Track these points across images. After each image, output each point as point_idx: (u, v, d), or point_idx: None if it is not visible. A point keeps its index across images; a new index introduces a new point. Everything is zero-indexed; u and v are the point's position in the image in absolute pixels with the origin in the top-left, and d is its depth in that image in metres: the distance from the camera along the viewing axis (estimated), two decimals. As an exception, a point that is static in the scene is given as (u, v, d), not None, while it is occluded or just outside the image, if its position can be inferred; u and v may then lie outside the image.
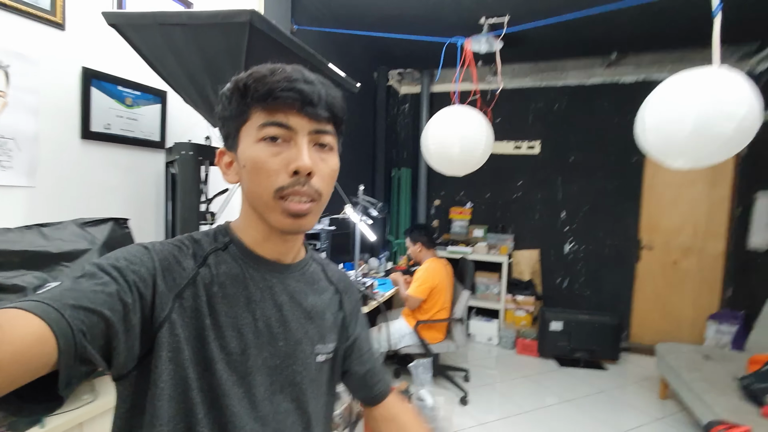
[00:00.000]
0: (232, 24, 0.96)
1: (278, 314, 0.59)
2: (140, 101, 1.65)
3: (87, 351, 0.40)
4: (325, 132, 0.54)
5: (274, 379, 0.58)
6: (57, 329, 0.38)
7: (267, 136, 0.51)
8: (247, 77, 0.52)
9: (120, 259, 0.49)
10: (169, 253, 0.53)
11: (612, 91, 3.90)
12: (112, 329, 0.44)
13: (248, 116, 0.53)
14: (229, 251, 0.58)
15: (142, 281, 0.48)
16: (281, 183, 0.51)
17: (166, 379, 0.50)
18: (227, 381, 0.53)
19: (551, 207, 4.18)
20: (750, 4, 2.65)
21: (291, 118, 0.51)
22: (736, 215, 3.57)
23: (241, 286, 0.57)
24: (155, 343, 0.49)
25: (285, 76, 0.51)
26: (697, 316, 3.68)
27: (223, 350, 0.54)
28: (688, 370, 2.35)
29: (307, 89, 0.51)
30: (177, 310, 0.51)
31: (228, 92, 0.54)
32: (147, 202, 1.71)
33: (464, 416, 2.55)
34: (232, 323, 0.55)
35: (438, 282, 2.67)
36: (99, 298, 0.43)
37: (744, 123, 1.25)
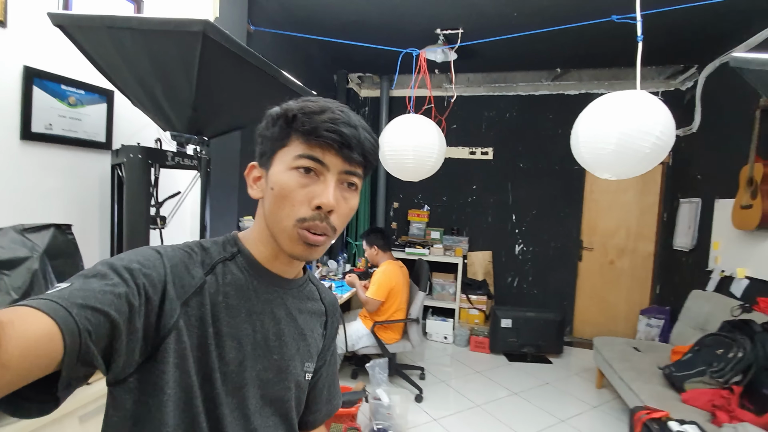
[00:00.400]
0: (185, 32, 0.97)
1: (276, 328, 0.61)
2: (85, 100, 1.59)
3: (90, 351, 0.40)
4: (353, 174, 0.57)
5: (264, 393, 0.59)
6: (64, 327, 0.38)
7: (301, 166, 0.54)
8: (298, 109, 0.55)
9: (133, 261, 0.49)
10: (180, 260, 0.54)
11: (557, 103, 4.18)
12: (116, 330, 0.44)
13: (288, 143, 0.55)
14: (236, 261, 0.59)
15: (151, 286, 0.49)
16: (303, 214, 0.54)
17: (172, 385, 0.50)
18: (223, 391, 0.54)
19: (502, 210, 4.40)
20: (676, 32, 2.95)
21: (327, 156, 0.54)
22: (663, 219, 3.95)
23: (244, 298, 0.58)
24: (161, 348, 0.49)
25: (332, 117, 0.54)
26: (630, 311, 4.03)
27: (221, 360, 0.54)
28: (619, 361, 2.58)
29: (348, 133, 0.54)
30: (183, 317, 0.52)
31: (275, 115, 0.57)
32: (91, 207, 1.65)
33: (419, 413, 2.63)
34: (232, 333, 0.56)
35: (395, 284, 2.74)
36: (107, 299, 0.43)
37: (659, 141, 1.41)
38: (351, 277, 2.93)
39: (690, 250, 3.38)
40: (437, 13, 2.87)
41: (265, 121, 0.59)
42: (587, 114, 1.52)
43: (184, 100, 1.14)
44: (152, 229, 1.52)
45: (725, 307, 2.53)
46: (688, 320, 2.88)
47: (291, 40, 3.02)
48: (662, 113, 1.45)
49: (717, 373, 1.99)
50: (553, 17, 2.73)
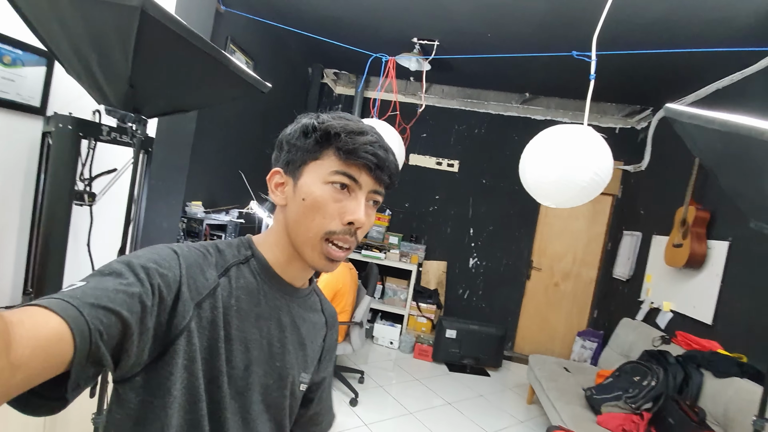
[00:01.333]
0: (122, 6, 0.92)
1: (280, 335, 0.62)
2: (23, 61, 1.48)
3: (100, 351, 0.40)
4: (380, 193, 0.61)
5: (263, 398, 0.60)
6: (75, 327, 0.38)
7: (338, 182, 0.56)
8: (340, 128, 0.57)
9: (150, 260, 0.49)
10: (195, 261, 0.54)
11: (524, 125, 4.31)
12: (128, 330, 0.43)
13: (321, 156, 0.57)
14: (249, 265, 0.60)
15: (166, 286, 0.49)
16: (333, 228, 0.57)
17: (179, 387, 0.50)
18: (228, 394, 0.55)
19: (461, 223, 4.49)
20: (635, 75, 3.12)
21: (363, 175, 0.57)
22: (607, 248, 4.16)
23: (254, 302, 0.59)
24: (171, 350, 0.49)
25: (371, 141, 0.57)
26: (568, 332, 4.22)
27: (229, 364, 0.55)
28: (548, 380, 2.69)
29: (383, 156, 0.57)
30: (195, 319, 0.52)
31: (312, 128, 0.58)
32: (16, 173, 1.53)
33: (351, 417, 2.63)
34: (240, 338, 0.56)
35: (342, 285, 2.73)
36: (120, 298, 0.43)
37: (596, 176, 1.48)
38: None
39: (627, 279, 3.58)
40: (415, 22, 2.89)
41: (293, 130, 0.60)
42: (534, 143, 1.58)
43: (120, 75, 1.08)
44: (79, 205, 1.43)
45: (648, 337, 2.70)
46: (615, 346, 3.05)
47: (266, 26, 2.95)
48: (603, 150, 1.53)
49: (631, 399, 2.11)
50: (524, 44, 2.82)
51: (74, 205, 1.38)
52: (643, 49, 2.26)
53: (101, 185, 1.61)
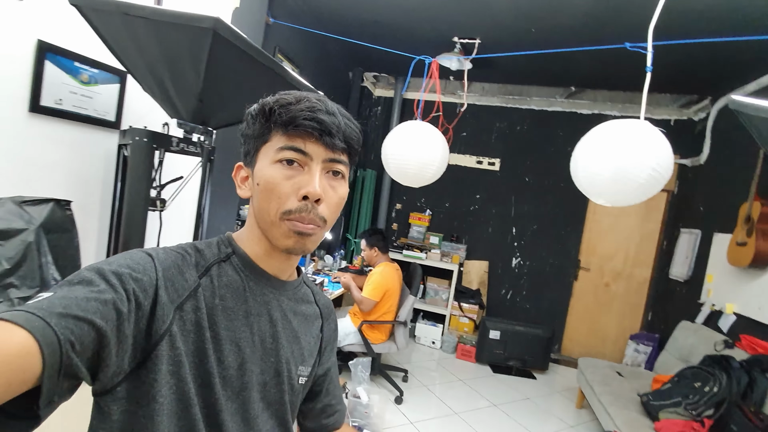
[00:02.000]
0: (196, 28, 1.00)
1: (272, 330, 0.60)
2: (98, 79, 1.62)
3: (73, 363, 0.38)
4: (338, 161, 0.57)
5: (263, 395, 0.59)
6: (42, 339, 0.35)
7: (284, 158, 0.54)
8: (273, 102, 0.55)
9: (122, 266, 0.47)
10: (173, 263, 0.52)
11: (570, 121, 4.17)
12: (104, 339, 0.41)
13: (269, 138, 0.55)
14: (231, 262, 0.58)
15: (142, 291, 0.47)
16: (290, 206, 0.54)
17: (166, 393, 0.48)
18: (223, 396, 0.53)
19: (504, 222, 4.40)
20: (692, 64, 2.94)
21: (309, 145, 0.54)
22: (662, 247, 3.94)
23: (241, 299, 0.57)
24: (153, 356, 0.47)
25: (308, 106, 0.54)
26: (619, 335, 4.03)
27: (220, 365, 0.53)
28: (600, 384, 2.59)
29: (327, 120, 0.54)
30: (177, 322, 0.50)
31: (254, 112, 0.57)
32: (94, 184, 1.69)
33: (397, 415, 2.66)
34: (230, 337, 0.54)
35: (390, 285, 2.77)
36: (92, 306, 0.40)
37: (654, 173, 1.42)
38: (345, 278, 2.94)
39: (685, 280, 3.37)
40: (456, 22, 2.88)
41: (245, 121, 0.59)
42: (587, 139, 1.53)
43: (191, 91, 1.17)
44: (151, 210, 1.56)
45: (710, 341, 2.54)
46: (673, 350, 2.89)
47: (310, 34, 3.04)
48: (662, 146, 1.46)
49: (691, 405, 2.00)
50: (570, 37, 2.73)
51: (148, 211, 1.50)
52: (700, 37, 2.12)
53: (169, 192, 1.74)
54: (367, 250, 2.96)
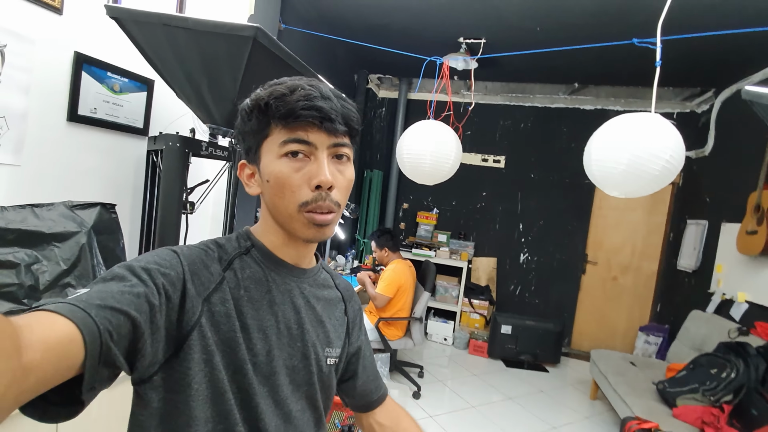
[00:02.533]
0: (237, 36, 1.06)
1: (296, 316, 0.62)
2: (127, 88, 1.69)
3: (112, 352, 0.40)
4: (342, 145, 0.57)
5: (292, 379, 0.61)
6: (84, 328, 0.38)
7: (289, 151, 0.54)
8: (267, 96, 0.54)
9: (150, 262, 0.50)
10: (197, 257, 0.55)
11: (573, 116, 4.23)
12: (138, 330, 0.44)
13: (269, 132, 0.55)
14: (251, 255, 0.61)
15: (171, 285, 0.49)
16: (305, 198, 0.55)
17: (200, 380, 0.51)
18: (255, 381, 0.56)
19: (510, 219, 4.46)
20: (694, 57, 3.00)
21: (311, 134, 0.54)
22: (669, 239, 3.99)
23: (265, 289, 0.59)
24: (185, 346, 0.50)
25: (304, 95, 0.53)
26: (629, 327, 4.08)
27: (250, 352, 0.56)
28: (614, 374, 2.64)
29: (326, 106, 0.53)
30: (206, 314, 0.52)
31: (248, 108, 0.56)
32: (126, 187, 1.75)
33: (416, 409, 2.71)
34: (257, 325, 0.57)
35: (404, 282, 2.83)
36: (126, 299, 0.43)
37: (668, 164, 1.47)
38: (362, 275, 3.01)
39: (693, 271, 3.42)
40: (461, 23, 2.94)
41: (240, 118, 0.59)
42: (601, 133, 1.59)
43: (227, 97, 1.23)
44: (183, 213, 1.61)
45: (723, 329, 2.59)
46: (685, 340, 2.94)
47: (317, 38, 3.11)
48: (673, 137, 1.52)
49: (709, 391, 2.05)
50: (575, 35, 2.79)
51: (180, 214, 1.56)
52: (702, 30, 2.18)
53: (195, 195, 1.80)
54: (377, 251, 3.02)
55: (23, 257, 0.98)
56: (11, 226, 0.99)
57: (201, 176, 1.83)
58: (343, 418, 2.17)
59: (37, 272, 0.99)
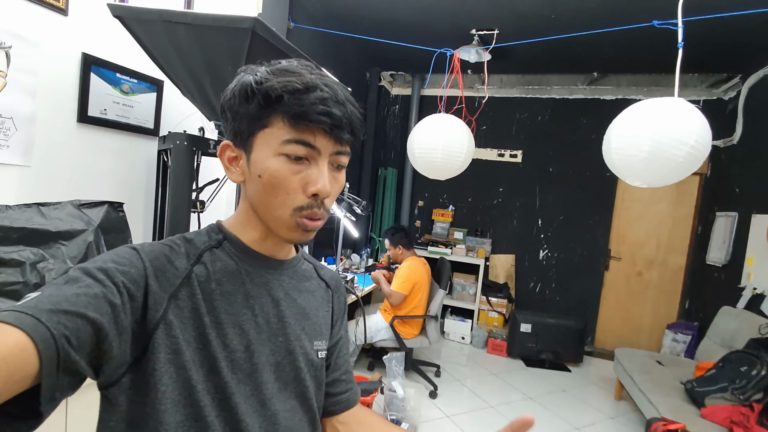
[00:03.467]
0: (236, 29, 1.04)
1: (275, 310, 0.59)
2: (137, 89, 1.70)
3: (71, 358, 0.38)
4: (344, 153, 0.54)
5: (278, 376, 0.58)
6: (35, 335, 0.35)
7: (291, 154, 0.50)
8: (281, 87, 0.49)
9: (107, 261, 0.47)
10: (160, 253, 0.52)
11: (592, 107, 4.09)
12: (102, 332, 0.41)
13: (269, 123, 0.51)
14: (223, 248, 0.57)
15: (132, 282, 0.47)
16: (300, 203, 0.52)
17: (167, 382, 0.48)
18: (233, 380, 0.52)
19: (528, 215, 4.35)
20: (719, 42, 2.85)
21: (318, 139, 0.51)
22: (697, 232, 3.81)
23: (239, 282, 0.56)
24: (150, 345, 0.48)
25: (320, 97, 0.49)
26: (655, 324, 3.92)
27: (225, 348, 0.52)
28: (640, 373, 2.53)
29: (339, 113, 0.50)
30: (173, 310, 0.50)
31: (250, 90, 0.50)
32: (137, 187, 1.76)
33: (432, 408, 2.67)
34: (232, 320, 0.54)
35: (419, 279, 2.79)
36: (81, 301, 0.40)
37: (693, 150, 1.39)
38: (376, 273, 2.98)
39: (723, 265, 3.26)
40: (473, 14, 2.88)
41: (232, 94, 0.52)
42: (621, 119, 1.51)
43: (229, 92, 1.22)
44: (193, 212, 1.62)
45: (753, 325, 2.45)
46: (715, 336, 2.80)
47: (328, 36, 3.10)
48: (698, 121, 1.43)
49: (738, 390, 1.94)
50: (593, 20, 2.69)
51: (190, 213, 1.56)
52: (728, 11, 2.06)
53: (206, 194, 1.80)
54: (391, 249, 2.99)
55: (29, 255, 0.99)
56: (16, 224, 1.00)
57: (212, 175, 1.84)
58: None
59: (43, 270, 1.00)
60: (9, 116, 1.25)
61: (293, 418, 0.59)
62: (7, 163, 1.27)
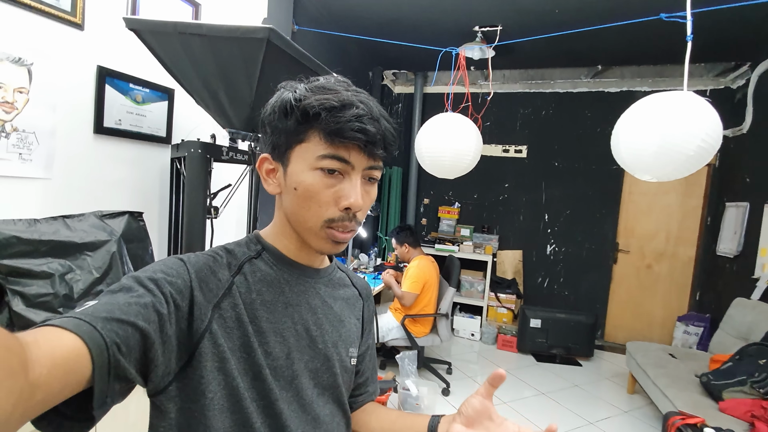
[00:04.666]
0: (251, 39, 1.06)
1: (314, 317, 0.61)
2: (149, 98, 1.73)
3: (120, 365, 0.40)
4: (377, 168, 0.56)
5: (317, 382, 0.60)
6: (90, 342, 0.37)
7: (326, 168, 0.52)
8: (318, 105, 0.51)
9: (157, 271, 0.49)
10: (204, 264, 0.54)
11: (597, 100, 4.08)
12: (148, 340, 0.43)
13: (306, 138, 0.53)
14: (262, 258, 0.59)
15: (178, 293, 0.49)
16: (331, 215, 0.53)
17: (215, 389, 0.50)
18: (276, 386, 0.54)
19: (535, 210, 4.35)
20: (726, 29, 2.83)
21: (353, 154, 0.52)
22: (707, 223, 3.79)
23: (278, 291, 0.58)
24: (197, 354, 0.50)
25: (356, 114, 0.51)
26: (666, 317, 3.91)
27: (268, 356, 0.54)
28: (653, 367, 2.53)
29: (373, 130, 0.51)
30: (217, 320, 0.52)
31: (290, 107, 0.53)
32: (152, 196, 1.79)
33: (446, 406, 2.69)
34: (273, 328, 0.56)
35: (429, 277, 2.80)
36: (133, 310, 0.43)
37: (704, 143, 1.39)
38: (386, 276, 2.98)
39: (735, 256, 3.24)
40: (476, 11, 2.88)
41: (272, 110, 0.56)
42: (629, 114, 1.51)
43: (243, 100, 1.23)
44: (207, 218, 1.64)
45: (770, 317, 2.44)
46: (729, 329, 2.79)
47: (331, 38, 3.11)
48: (709, 115, 1.43)
49: (758, 383, 1.93)
50: (597, 14, 2.68)
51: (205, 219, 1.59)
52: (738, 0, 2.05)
53: (219, 200, 1.83)
54: (398, 248, 3.00)
55: (57, 267, 1.02)
56: (44, 237, 1.02)
57: (223, 181, 1.86)
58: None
59: (71, 281, 1.02)
60: (32, 131, 1.28)
61: (332, 422, 0.61)
62: (31, 177, 1.30)
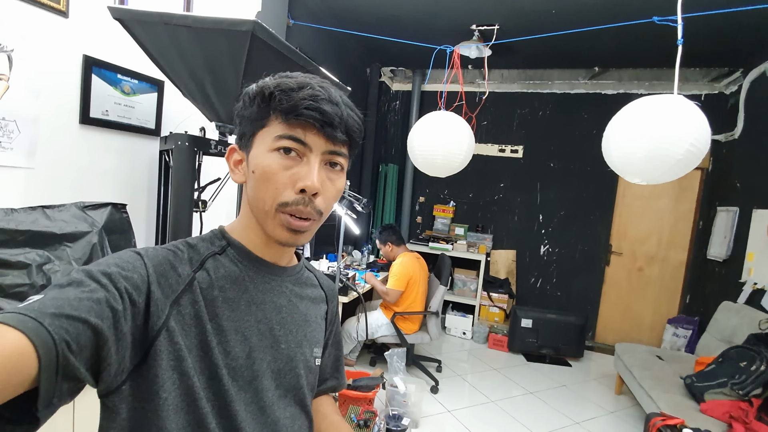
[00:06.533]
0: (236, 31, 1.05)
1: (278, 317, 0.59)
2: (138, 89, 1.71)
3: (70, 363, 0.37)
4: (338, 154, 0.54)
5: (279, 383, 0.58)
6: (36, 339, 0.35)
7: (281, 147, 0.51)
8: (274, 87, 0.51)
9: (111, 265, 0.46)
10: (164, 259, 0.52)
11: (594, 102, 4.08)
12: (101, 338, 0.40)
13: (266, 123, 0.52)
14: (227, 254, 0.57)
15: (134, 288, 0.46)
16: (286, 198, 0.52)
17: (169, 388, 0.48)
18: (233, 387, 0.52)
19: (529, 210, 4.36)
20: (720, 35, 2.83)
21: (309, 135, 0.52)
22: (698, 227, 3.81)
23: (242, 289, 0.56)
24: (152, 351, 0.47)
25: (311, 94, 0.51)
26: (656, 320, 3.93)
27: (227, 356, 0.52)
28: (640, 368, 2.55)
29: (330, 110, 0.51)
30: (175, 317, 0.50)
31: (252, 94, 0.54)
32: (140, 188, 1.78)
33: (434, 404, 2.69)
34: (235, 327, 0.54)
35: (413, 273, 2.81)
36: (84, 306, 0.40)
37: (693, 148, 1.39)
38: (367, 275, 3.00)
39: (724, 260, 3.26)
40: (473, 9, 2.86)
41: (242, 101, 0.56)
42: (620, 117, 1.51)
43: (230, 93, 1.22)
44: (195, 212, 1.63)
45: (753, 320, 2.46)
46: (715, 332, 2.81)
47: (328, 33, 3.09)
48: (698, 119, 1.43)
49: (738, 385, 1.95)
50: (594, 16, 2.68)
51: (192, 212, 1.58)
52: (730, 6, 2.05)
53: (208, 194, 1.82)
54: (382, 247, 3.01)
55: (35, 257, 1.01)
56: (21, 227, 1.01)
57: (214, 175, 1.85)
58: (359, 412, 2.18)
59: (48, 272, 1.01)
60: (12, 119, 1.27)
61: (293, 425, 0.59)
62: (12, 166, 1.29)
